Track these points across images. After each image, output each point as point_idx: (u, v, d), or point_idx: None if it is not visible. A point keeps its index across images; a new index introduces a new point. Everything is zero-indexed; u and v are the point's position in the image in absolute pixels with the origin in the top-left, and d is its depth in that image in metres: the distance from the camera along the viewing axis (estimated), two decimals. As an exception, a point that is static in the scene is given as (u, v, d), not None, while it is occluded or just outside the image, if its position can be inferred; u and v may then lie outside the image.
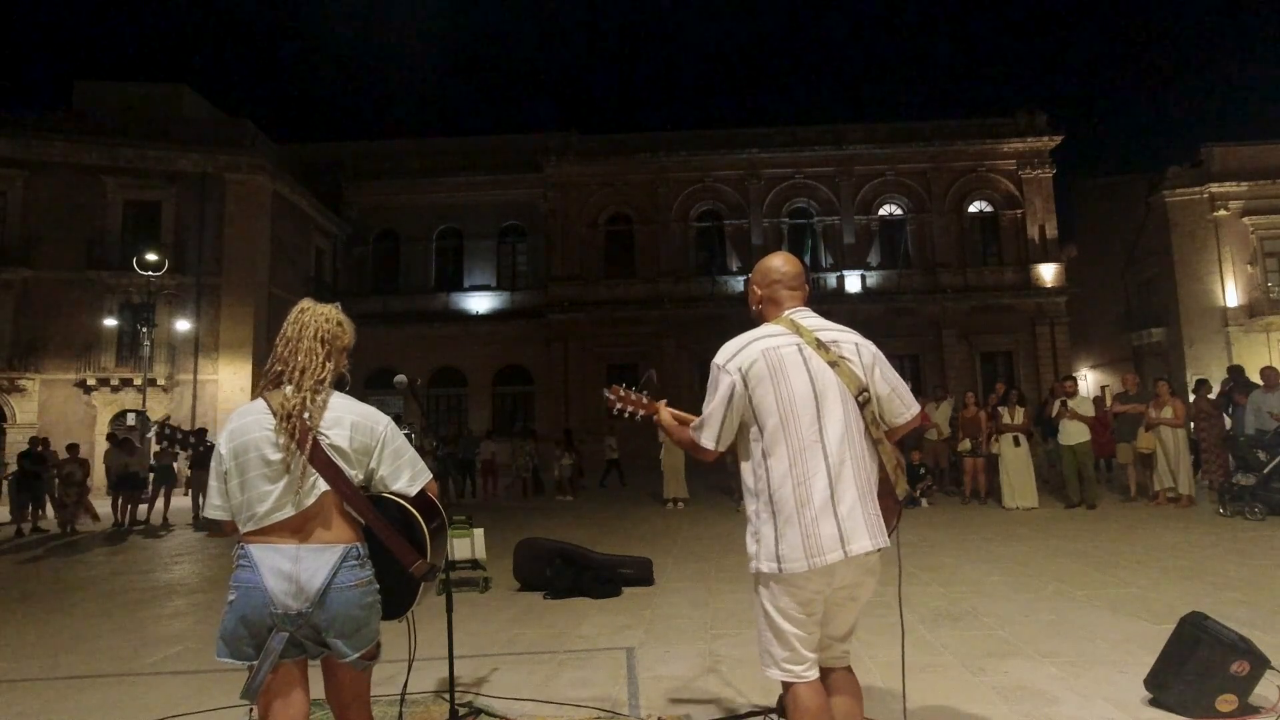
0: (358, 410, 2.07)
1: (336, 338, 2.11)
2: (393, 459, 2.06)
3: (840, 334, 2.18)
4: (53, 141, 21.71)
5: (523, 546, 6.11)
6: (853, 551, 1.97)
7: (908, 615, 4.60)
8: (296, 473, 1.92)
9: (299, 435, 1.93)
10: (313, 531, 1.95)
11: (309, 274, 26.68)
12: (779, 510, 2.01)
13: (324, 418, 1.99)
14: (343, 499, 1.97)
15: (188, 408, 21.91)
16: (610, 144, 28.47)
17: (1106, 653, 3.75)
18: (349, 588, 1.93)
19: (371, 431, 2.04)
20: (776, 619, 2.04)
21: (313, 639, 1.95)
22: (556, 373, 27.05)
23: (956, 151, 27.44)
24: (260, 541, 1.93)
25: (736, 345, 2.14)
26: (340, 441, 1.98)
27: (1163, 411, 9.63)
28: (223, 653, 1.95)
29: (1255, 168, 26.44)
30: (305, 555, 1.91)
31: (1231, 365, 12.64)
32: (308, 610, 1.90)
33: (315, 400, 1.99)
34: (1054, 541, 7.30)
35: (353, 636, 1.95)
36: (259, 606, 1.89)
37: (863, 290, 27.01)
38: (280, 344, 2.10)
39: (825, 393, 2.06)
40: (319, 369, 2.03)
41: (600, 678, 3.73)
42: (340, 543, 1.96)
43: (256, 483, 1.94)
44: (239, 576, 1.93)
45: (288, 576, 1.89)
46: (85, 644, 4.90)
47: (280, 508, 1.93)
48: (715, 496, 12.73)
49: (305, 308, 2.15)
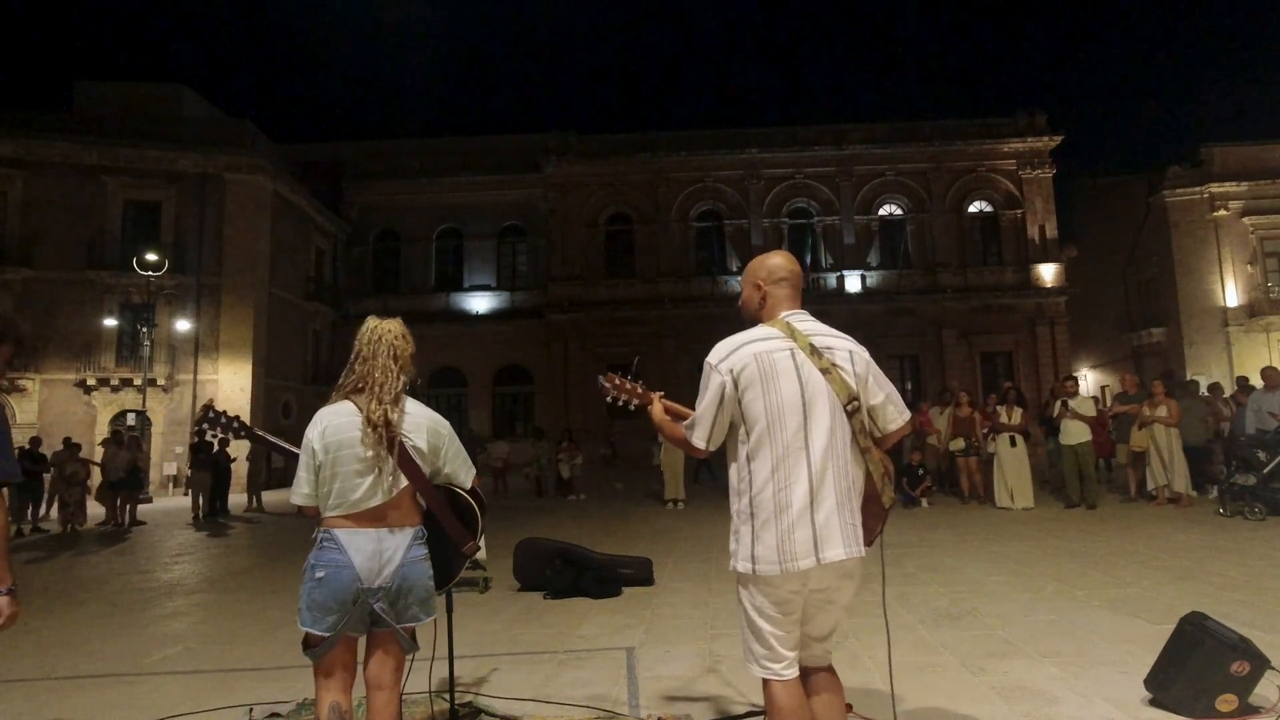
0: (428, 415, 2.41)
1: (405, 351, 2.40)
2: (455, 457, 2.44)
3: (834, 340, 2.18)
4: (53, 141, 21.73)
5: (523, 546, 6.11)
6: (826, 559, 1.99)
7: (908, 615, 4.62)
8: (387, 470, 2.25)
9: (386, 440, 2.25)
10: (392, 517, 2.27)
11: (309, 274, 26.69)
12: (757, 513, 2.04)
13: (405, 423, 2.31)
14: (419, 490, 2.33)
15: (188, 408, 21.91)
16: (610, 144, 28.46)
17: (1106, 653, 3.75)
18: (418, 561, 2.29)
19: (439, 434, 2.41)
20: (754, 618, 2.08)
21: (388, 611, 2.24)
22: (556, 373, 27.05)
23: (956, 151, 27.44)
24: (349, 526, 2.23)
25: (730, 346, 2.14)
26: (420, 444, 2.33)
27: (1157, 410, 9.64)
28: (307, 623, 2.22)
29: (1255, 168, 26.45)
30: (387, 538, 2.25)
31: (1239, 377, 12.68)
32: (389, 584, 2.23)
33: (396, 409, 2.30)
34: (1054, 541, 7.29)
35: (424, 604, 2.31)
36: (348, 583, 2.19)
37: (863, 290, 27.02)
38: (355, 360, 2.37)
39: (814, 400, 2.07)
40: (395, 383, 2.32)
41: (600, 678, 3.72)
42: (411, 526, 2.31)
43: (349, 475, 2.24)
44: (326, 557, 2.21)
45: (374, 555, 2.21)
46: (85, 644, 4.90)
47: (370, 497, 2.24)
48: (715, 496, 12.73)
49: (374, 325, 2.41)
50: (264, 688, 3.68)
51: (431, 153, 29.65)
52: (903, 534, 7.85)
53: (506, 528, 9.47)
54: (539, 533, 7.19)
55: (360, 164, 29.40)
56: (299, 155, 28.23)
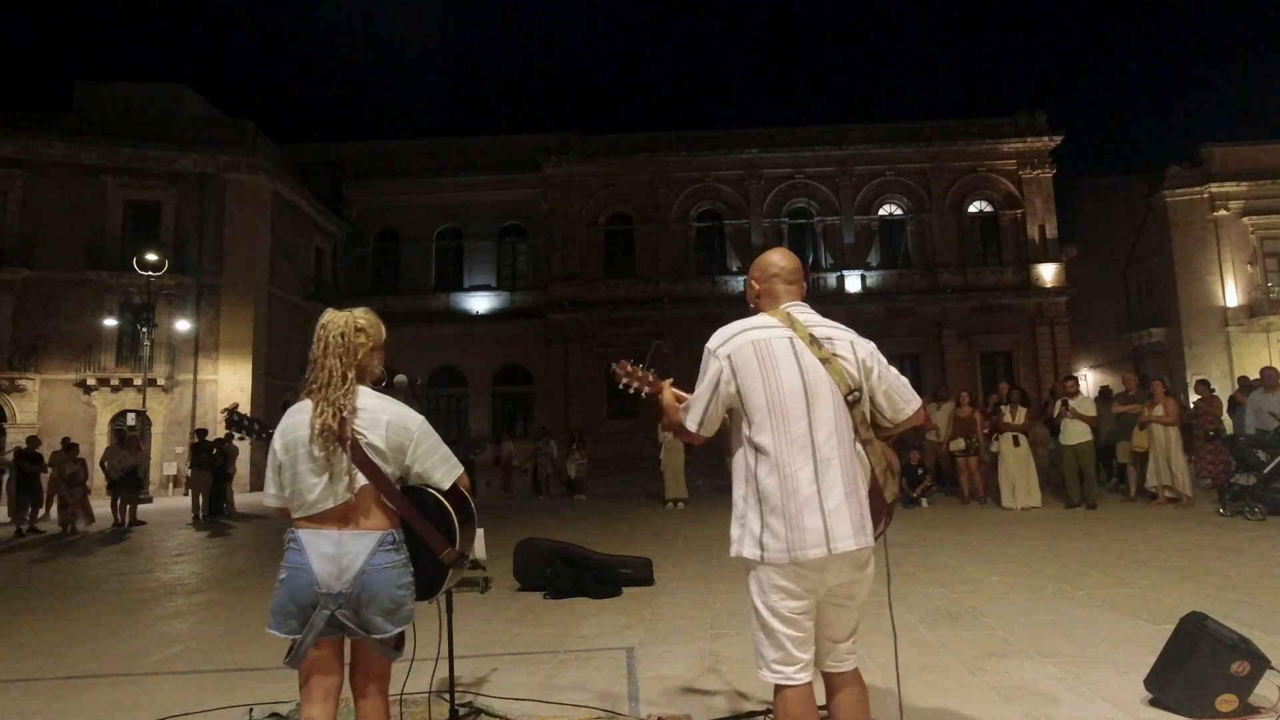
0: (392, 412, 2.23)
1: (356, 346, 2.22)
2: (426, 456, 2.24)
3: (835, 331, 2.17)
4: (53, 141, 21.72)
5: (523, 546, 6.10)
6: (837, 549, 1.95)
7: (908, 615, 4.61)
8: (341, 470, 2.12)
9: (340, 439, 2.12)
10: (354, 519, 2.14)
11: (309, 274, 26.67)
12: (765, 499, 2.01)
13: (361, 419, 2.16)
14: (380, 492, 2.16)
15: (188, 408, 21.91)
16: (610, 144, 28.45)
17: (1106, 653, 3.75)
18: (384, 568, 2.12)
19: (405, 431, 2.22)
20: (766, 617, 2.02)
21: (352, 619, 2.11)
22: (556, 373, 27.04)
23: (956, 151, 27.43)
24: (309, 527, 2.14)
25: (729, 332, 2.15)
26: (377, 441, 2.16)
27: (1154, 410, 9.64)
28: (272, 625, 2.15)
29: (1255, 168, 26.43)
30: (347, 540, 2.11)
31: (1240, 376, 12.67)
32: (348, 590, 2.09)
33: (344, 409, 2.14)
34: (1054, 541, 7.29)
35: (390, 615, 2.13)
36: (305, 585, 2.09)
37: (863, 290, 27.01)
38: (311, 360, 2.26)
39: (816, 388, 2.05)
40: (339, 382, 2.17)
41: (600, 677, 3.72)
42: (377, 529, 2.15)
43: (305, 475, 2.14)
44: (289, 558, 2.14)
45: (331, 559, 2.09)
46: (85, 644, 4.89)
47: (326, 498, 2.13)
48: (715, 496, 12.73)
49: (324, 322, 2.26)
50: (264, 688, 3.67)
51: (431, 153, 29.64)
52: (903, 534, 7.85)
53: (506, 528, 9.47)
54: (540, 533, 7.19)
55: (360, 164, 29.38)
56: (299, 155, 28.22)
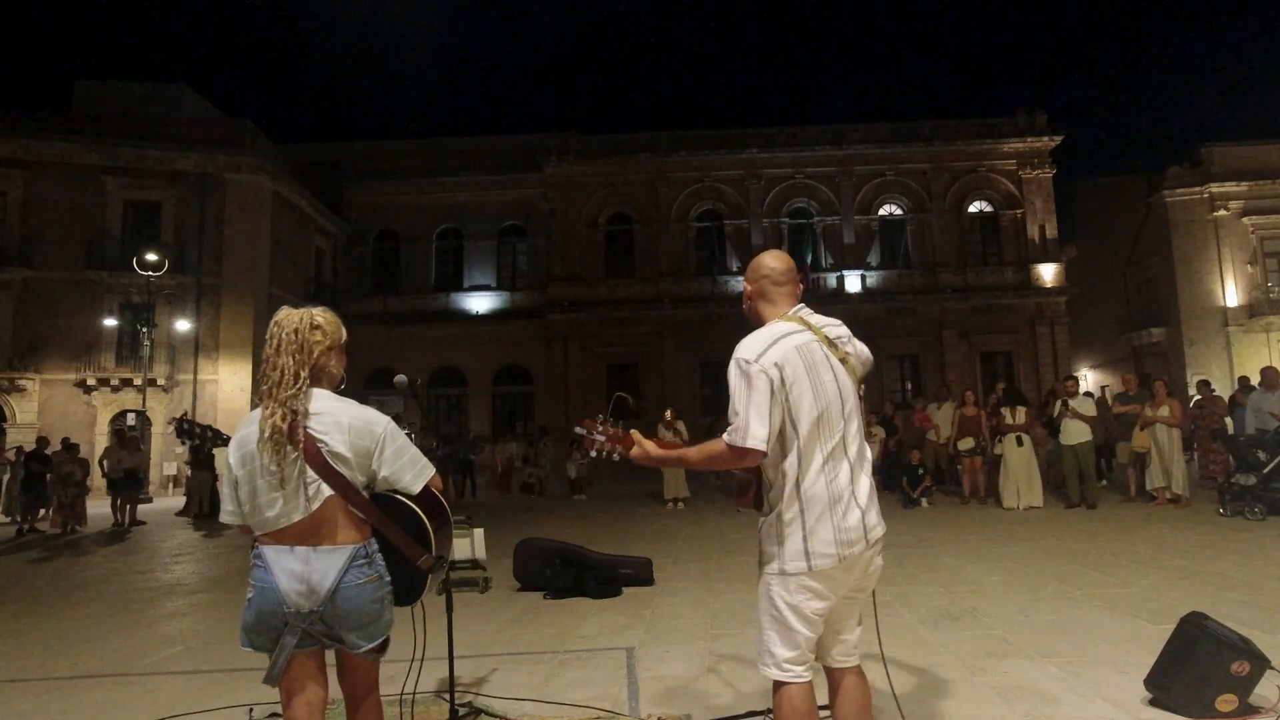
0: (353, 414, 2.06)
1: (311, 344, 2.06)
2: (394, 459, 2.07)
3: (839, 329, 2.22)
4: (53, 141, 21.68)
5: (523, 546, 6.11)
6: (872, 539, 2.05)
7: (908, 615, 4.62)
8: (297, 481, 1.96)
9: (291, 441, 1.96)
10: (322, 534, 1.99)
11: (309, 274, 26.66)
12: (809, 507, 2.01)
13: (320, 423, 2.00)
14: (347, 502, 2.00)
15: (188, 408, 21.90)
16: (610, 144, 28.44)
17: (1106, 653, 3.75)
18: (358, 585, 1.98)
19: (369, 434, 2.05)
20: (790, 619, 2.02)
21: (325, 634, 2.00)
22: (556, 373, 27.04)
23: (956, 151, 27.42)
24: (274, 544, 1.99)
25: (764, 341, 2.06)
26: (339, 447, 2.00)
27: (1159, 410, 9.63)
28: (244, 642, 2.05)
29: (1255, 168, 26.42)
30: (315, 558, 1.96)
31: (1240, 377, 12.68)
32: (319, 609, 1.97)
33: (296, 410, 1.98)
34: (1054, 541, 7.29)
35: (365, 630, 2.02)
36: (274, 605, 1.96)
37: (863, 290, 27.00)
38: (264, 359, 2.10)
39: (847, 390, 2.12)
40: (290, 381, 2.00)
41: (600, 678, 3.72)
42: (348, 544, 2.00)
43: (263, 490, 1.98)
44: (256, 576, 2.00)
45: (299, 578, 1.95)
46: (85, 644, 4.89)
47: (288, 514, 1.97)
48: (715, 496, 12.73)
49: (278, 319, 2.09)
50: (264, 688, 3.66)
51: (431, 153, 29.60)
52: (903, 534, 7.84)
53: (506, 528, 9.47)
54: (540, 533, 7.19)
55: (360, 164, 29.35)
56: (299, 155, 28.18)
